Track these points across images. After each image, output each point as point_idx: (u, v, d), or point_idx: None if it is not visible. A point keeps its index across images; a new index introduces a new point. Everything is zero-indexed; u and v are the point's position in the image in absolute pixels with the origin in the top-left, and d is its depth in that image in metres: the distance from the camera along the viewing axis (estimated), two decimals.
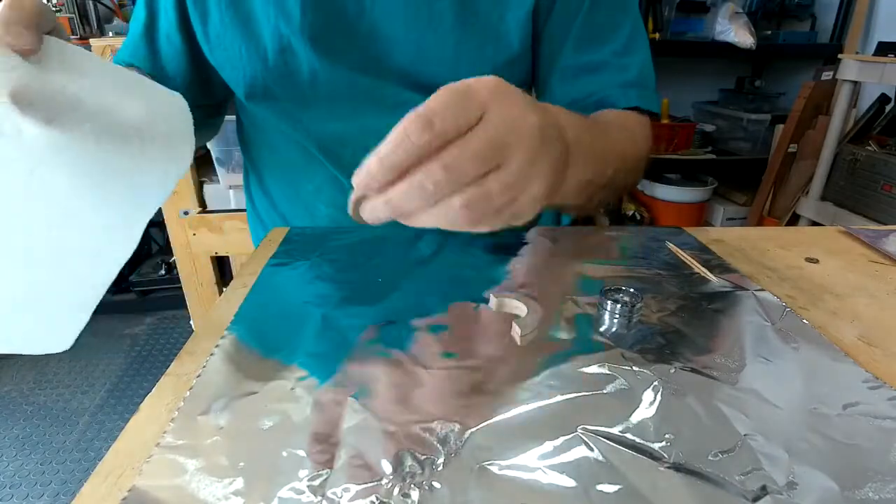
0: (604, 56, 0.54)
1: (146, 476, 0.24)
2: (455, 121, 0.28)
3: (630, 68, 0.54)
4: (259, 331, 0.36)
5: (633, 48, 0.55)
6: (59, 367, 1.61)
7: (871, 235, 0.53)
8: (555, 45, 0.55)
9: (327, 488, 0.24)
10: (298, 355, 0.33)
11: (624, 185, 0.52)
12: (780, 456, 0.26)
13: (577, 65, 0.55)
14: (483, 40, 0.52)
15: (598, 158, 0.42)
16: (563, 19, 0.53)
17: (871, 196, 1.44)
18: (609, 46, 0.54)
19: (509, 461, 0.25)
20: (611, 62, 0.54)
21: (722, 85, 2.11)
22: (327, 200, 0.59)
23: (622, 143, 0.49)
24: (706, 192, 1.92)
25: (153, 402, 0.30)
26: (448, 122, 0.28)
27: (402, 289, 0.41)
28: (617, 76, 0.54)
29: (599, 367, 0.32)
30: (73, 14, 1.57)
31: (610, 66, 0.54)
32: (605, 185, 0.45)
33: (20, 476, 1.25)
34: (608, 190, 0.47)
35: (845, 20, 1.78)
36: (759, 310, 0.39)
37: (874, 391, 0.31)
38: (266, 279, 0.43)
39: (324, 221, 0.61)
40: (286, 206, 0.62)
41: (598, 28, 0.54)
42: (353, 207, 0.31)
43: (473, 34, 0.52)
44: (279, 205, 0.63)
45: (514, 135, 0.29)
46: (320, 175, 0.58)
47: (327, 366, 0.32)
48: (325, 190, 0.59)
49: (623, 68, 0.54)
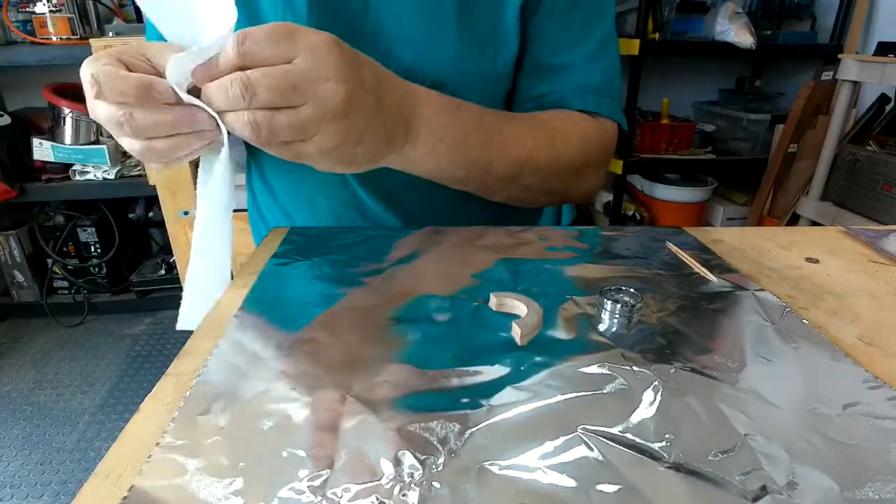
0: (571, 59, 0.56)
1: (146, 476, 0.24)
2: (263, 51, 0.34)
3: (593, 74, 0.56)
4: (259, 330, 0.36)
5: (600, 56, 0.56)
6: (59, 367, 1.62)
7: (871, 235, 0.53)
8: (529, 44, 0.55)
9: (327, 488, 0.24)
10: (298, 355, 0.33)
11: (541, 184, 0.55)
12: (780, 456, 0.26)
13: (543, 64, 0.56)
14: (484, 39, 0.53)
15: (461, 143, 0.47)
16: (542, 20, 0.54)
17: (871, 196, 1.44)
18: (578, 51, 0.55)
19: (509, 461, 0.25)
20: (576, 66, 0.56)
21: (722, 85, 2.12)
22: (329, 193, 0.60)
23: (528, 138, 0.52)
24: (706, 192, 1.92)
25: (153, 402, 0.30)
26: (256, 47, 0.34)
27: (402, 288, 0.41)
28: (578, 80, 0.56)
29: (599, 367, 0.32)
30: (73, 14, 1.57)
31: (574, 70, 0.56)
32: (483, 166, 0.50)
33: (20, 476, 1.25)
34: (499, 176, 0.52)
35: (845, 20, 1.78)
36: (759, 310, 0.39)
37: (874, 391, 0.31)
38: (266, 279, 0.43)
39: (325, 215, 0.61)
40: (287, 200, 0.63)
41: (571, 32, 0.55)
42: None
43: (475, 33, 0.52)
44: (280, 198, 0.63)
45: (314, 87, 0.35)
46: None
47: (327, 365, 0.32)
48: (328, 183, 0.59)
49: (586, 74, 0.56)
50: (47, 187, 1.64)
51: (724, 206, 1.94)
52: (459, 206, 0.60)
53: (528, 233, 0.52)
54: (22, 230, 1.78)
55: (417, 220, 0.60)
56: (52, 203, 1.80)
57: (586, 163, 0.57)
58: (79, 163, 1.63)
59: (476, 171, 0.50)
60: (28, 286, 1.83)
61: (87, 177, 1.64)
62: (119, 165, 1.65)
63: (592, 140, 0.56)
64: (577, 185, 0.58)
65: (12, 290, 1.84)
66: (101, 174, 1.64)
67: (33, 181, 1.65)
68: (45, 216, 1.80)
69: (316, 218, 0.61)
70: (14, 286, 1.83)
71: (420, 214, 0.60)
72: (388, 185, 0.58)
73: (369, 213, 0.60)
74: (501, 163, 0.51)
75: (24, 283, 1.83)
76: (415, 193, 0.59)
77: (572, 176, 0.57)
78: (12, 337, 1.77)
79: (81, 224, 1.78)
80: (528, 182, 0.54)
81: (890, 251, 0.50)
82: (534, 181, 0.54)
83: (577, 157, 0.55)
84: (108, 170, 1.63)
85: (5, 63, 1.56)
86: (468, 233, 0.52)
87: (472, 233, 0.52)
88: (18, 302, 1.85)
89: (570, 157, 0.55)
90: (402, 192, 0.59)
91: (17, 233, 1.76)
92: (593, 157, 0.57)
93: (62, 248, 1.80)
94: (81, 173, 1.64)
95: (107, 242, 1.82)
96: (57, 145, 1.59)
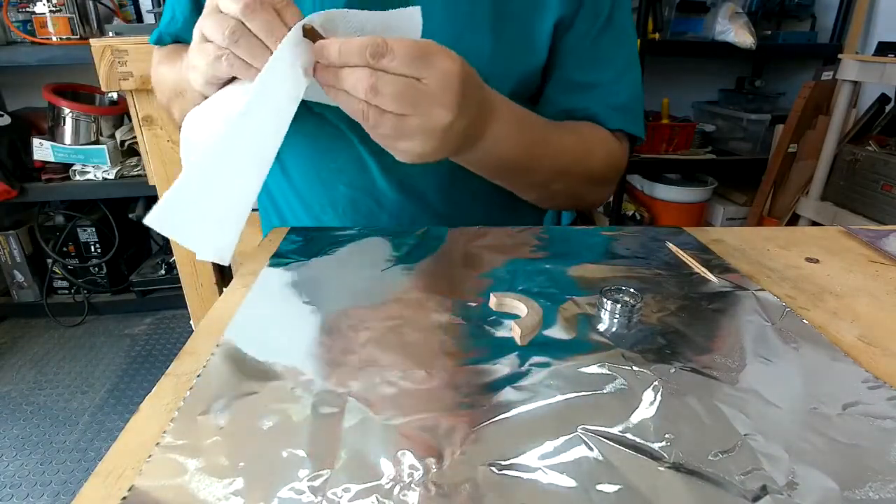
0: (599, 78, 0.59)
1: (146, 476, 0.24)
2: (399, 68, 0.37)
3: (620, 93, 0.59)
4: (259, 331, 0.36)
5: (626, 75, 0.60)
6: (59, 367, 1.62)
7: (871, 235, 0.53)
8: (559, 59, 0.58)
9: (327, 488, 0.24)
10: (298, 355, 0.33)
11: (566, 190, 0.58)
12: (780, 456, 0.26)
13: (573, 81, 0.59)
14: (516, 46, 0.55)
15: (513, 152, 0.50)
16: (576, 38, 0.57)
17: (871, 196, 1.44)
18: (607, 71, 0.59)
19: (509, 461, 0.25)
20: (604, 85, 0.59)
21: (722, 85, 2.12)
22: (347, 181, 0.60)
23: (567, 150, 0.55)
24: (706, 192, 1.92)
25: (153, 402, 0.30)
26: (394, 64, 0.37)
27: (402, 288, 0.41)
28: (606, 98, 0.59)
29: (599, 367, 0.32)
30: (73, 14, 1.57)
31: (602, 89, 0.59)
32: (526, 171, 0.53)
33: (20, 476, 1.25)
34: (535, 181, 0.56)
35: (845, 20, 1.78)
36: (759, 310, 0.39)
37: (874, 391, 0.31)
38: (266, 279, 0.43)
39: (342, 202, 0.61)
40: (304, 186, 0.63)
41: (600, 52, 0.58)
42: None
43: (508, 39, 0.54)
44: (297, 183, 0.63)
45: (430, 109, 0.39)
46: (343, 155, 0.59)
47: (327, 365, 0.32)
48: (347, 170, 0.59)
49: (614, 92, 0.59)
50: (47, 187, 1.64)
51: (724, 206, 1.94)
52: (477, 197, 0.61)
53: (527, 233, 0.52)
54: (22, 230, 1.78)
55: (434, 210, 0.61)
56: (52, 203, 1.80)
57: (606, 175, 0.60)
58: (79, 163, 1.63)
59: (517, 175, 0.54)
60: (28, 286, 1.83)
61: (87, 177, 1.64)
62: (119, 165, 1.65)
63: (615, 155, 0.60)
64: (597, 194, 0.63)
65: (12, 290, 1.84)
66: (101, 174, 1.63)
67: (33, 181, 1.64)
68: (45, 216, 1.80)
69: (332, 205, 0.61)
70: (14, 286, 1.83)
71: (437, 205, 0.61)
72: (408, 174, 0.58)
73: (386, 202, 0.60)
74: (541, 170, 0.54)
75: (24, 283, 1.83)
76: (434, 184, 0.60)
77: (595, 186, 0.61)
78: (12, 337, 1.77)
79: (81, 224, 1.78)
80: (558, 188, 0.58)
81: (890, 251, 0.50)
82: (563, 188, 0.58)
83: (603, 169, 0.59)
84: (108, 170, 1.63)
85: (5, 63, 1.56)
86: (468, 233, 0.52)
87: (472, 233, 0.52)
88: (18, 302, 1.85)
89: (597, 169, 0.59)
90: (421, 182, 0.59)
91: (17, 233, 1.76)
92: (612, 171, 0.61)
93: (62, 248, 1.80)
94: (81, 173, 1.64)
95: (107, 242, 1.82)
96: (57, 145, 1.59)
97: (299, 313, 0.38)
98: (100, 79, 1.22)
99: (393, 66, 0.37)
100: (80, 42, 1.57)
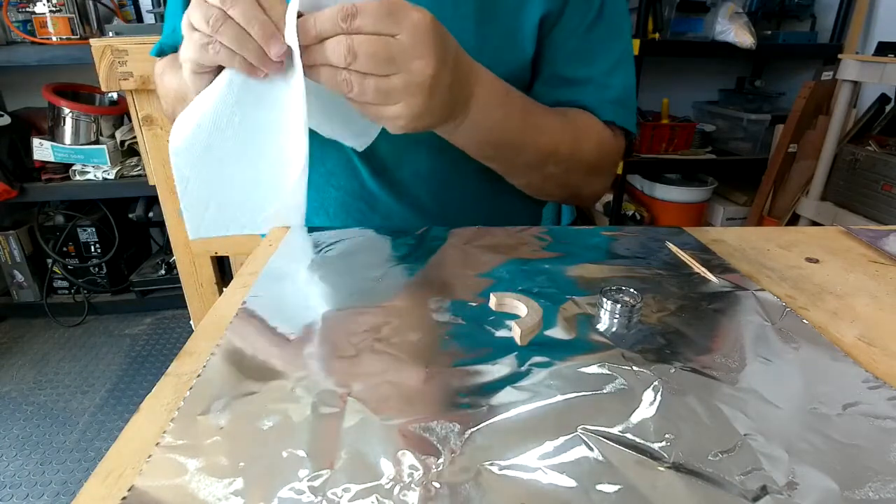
0: (588, 74, 0.58)
1: (146, 476, 0.24)
2: (371, 26, 0.38)
3: (612, 88, 0.58)
4: (259, 331, 0.36)
5: (618, 71, 0.59)
6: (59, 367, 1.62)
7: (871, 235, 0.53)
8: (548, 55, 0.57)
9: (327, 488, 0.24)
10: (298, 355, 0.33)
11: (560, 177, 0.58)
12: (780, 456, 0.26)
13: (561, 76, 0.58)
14: (500, 40, 0.54)
15: (502, 125, 0.51)
16: (564, 33, 0.56)
17: (871, 196, 1.44)
18: (595, 67, 0.58)
19: (509, 461, 0.25)
20: (595, 80, 0.58)
21: (722, 85, 2.12)
22: (338, 184, 0.60)
23: (555, 129, 0.55)
24: (706, 192, 1.92)
25: (153, 402, 0.30)
26: (365, 23, 0.38)
27: (401, 288, 0.41)
28: (597, 94, 0.58)
29: (599, 367, 0.32)
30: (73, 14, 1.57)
31: (592, 85, 0.58)
32: (516, 149, 0.53)
33: (20, 476, 1.25)
34: (528, 161, 0.55)
35: (845, 20, 1.78)
36: (759, 310, 0.39)
37: (874, 391, 0.31)
38: (266, 279, 0.43)
39: (333, 205, 0.61)
40: None
41: (591, 46, 0.57)
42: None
43: (493, 33, 0.54)
44: None
45: (408, 62, 0.39)
46: (333, 158, 0.59)
47: (327, 365, 0.32)
48: (337, 173, 0.60)
49: (606, 87, 0.58)
50: (47, 187, 1.64)
51: (724, 206, 1.94)
52: (470, 198, 0.61)
53: (527, 233, 0.52)
54: (22, 230, 1.78)
55: (427, 212, 0.61)
56: (52, 203, 1.80)
57: (600, 164, 0.59)
58: (79, 163, 1.63)
59: (507, 153, 0.54)
60: (28, 286, 1.83)
61: (87, 177, 1.64)
62: (119, 165, 1.65)
63: (606, 144, 0.59)
64: (590, 185, 0.62)
65: (12, 290, 1.84)
66: (101, 174, 1.64)
67: (33, 181, 1.65)
68: (45, 216, 1.80)
69: (324, 208, 0.61)
70: (14, 286, 1.83)
71: (429, 206, 0.61)
72: (399, 176, 0.58)
73: (378, 205, 0.60)
74: (532, 148, 0.54)
75: (24, 283, 1.83)
76: (425, 185, 0.59)
77: (587, 174, 0.60)
78: (12, 337, 1.77)
79: (81, 224, 1.78)
80: (549, 172, 0.57)
81: (890, 251, 0.50)
82: (555, 172, 0.57)
83: (594, 156, 0.58)
84: (108, 170, 1.63)
85: (5, 63, 1.56)
86: (468, 233, 0.52)
87: (471, 233, 0.52)
88: (18, 302, 1.85)
89: (588, 155, 0.57)
90: (412, 184, 0.59)
91: (17, 233, 1.76)
92: (606, 161, 0.60)
93: (62, 248, 1.80)
94: (81, 173, 1.64)
95: (107, 242, 1.82)
96: (57, 145, 1.59)
97: (298, 313, 0.38)
98: (100, 79, 1.23)
99: (365, 26, 0.38)
100: (80, 42, 1.57)
